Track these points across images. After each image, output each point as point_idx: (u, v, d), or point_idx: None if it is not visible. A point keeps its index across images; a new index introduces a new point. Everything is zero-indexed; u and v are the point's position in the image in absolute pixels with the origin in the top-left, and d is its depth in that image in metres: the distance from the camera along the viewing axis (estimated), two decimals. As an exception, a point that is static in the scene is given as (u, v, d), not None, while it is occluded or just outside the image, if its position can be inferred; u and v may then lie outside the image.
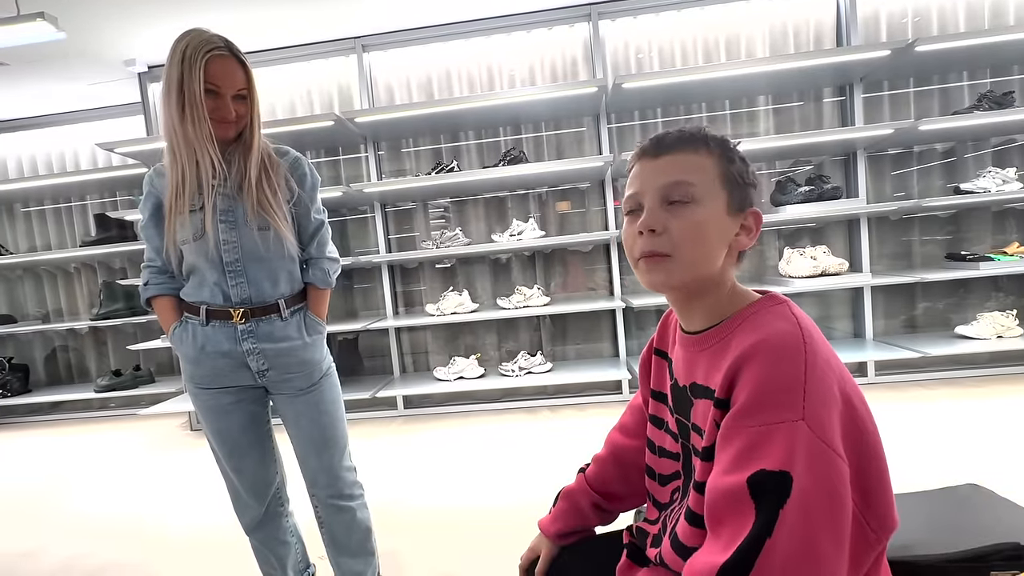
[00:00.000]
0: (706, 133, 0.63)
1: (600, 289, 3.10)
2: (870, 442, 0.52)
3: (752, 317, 0.59)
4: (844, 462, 0.49)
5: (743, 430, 0.51)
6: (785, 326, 0.55)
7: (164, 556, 1.75)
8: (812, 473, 0.47)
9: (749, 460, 0.50)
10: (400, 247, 3.16)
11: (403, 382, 2.98)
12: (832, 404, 0.50)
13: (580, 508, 0.83)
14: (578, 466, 0.89)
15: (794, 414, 0.49)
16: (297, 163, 1.18)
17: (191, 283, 1.13)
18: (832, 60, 2.48)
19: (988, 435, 2.07)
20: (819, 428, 0.49)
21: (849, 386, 0.54)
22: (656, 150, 0.63)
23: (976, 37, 2.38)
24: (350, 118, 2.65)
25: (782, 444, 0.48)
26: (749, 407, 0.52)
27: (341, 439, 1.22)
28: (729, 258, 0.62)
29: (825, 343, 0.56)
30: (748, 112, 2.92)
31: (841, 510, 0.48)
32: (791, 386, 0.50)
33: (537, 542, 0.85)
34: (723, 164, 0.61)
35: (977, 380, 2.73)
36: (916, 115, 2.82)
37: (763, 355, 0.53)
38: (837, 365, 0.54)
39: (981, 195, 2.55)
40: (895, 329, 2.98)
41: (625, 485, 0.82)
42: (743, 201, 0.62)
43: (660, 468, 0.74)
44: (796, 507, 0.47)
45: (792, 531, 0.46)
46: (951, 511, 0.85)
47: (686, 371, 0.65)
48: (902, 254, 2.94)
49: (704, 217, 0.60)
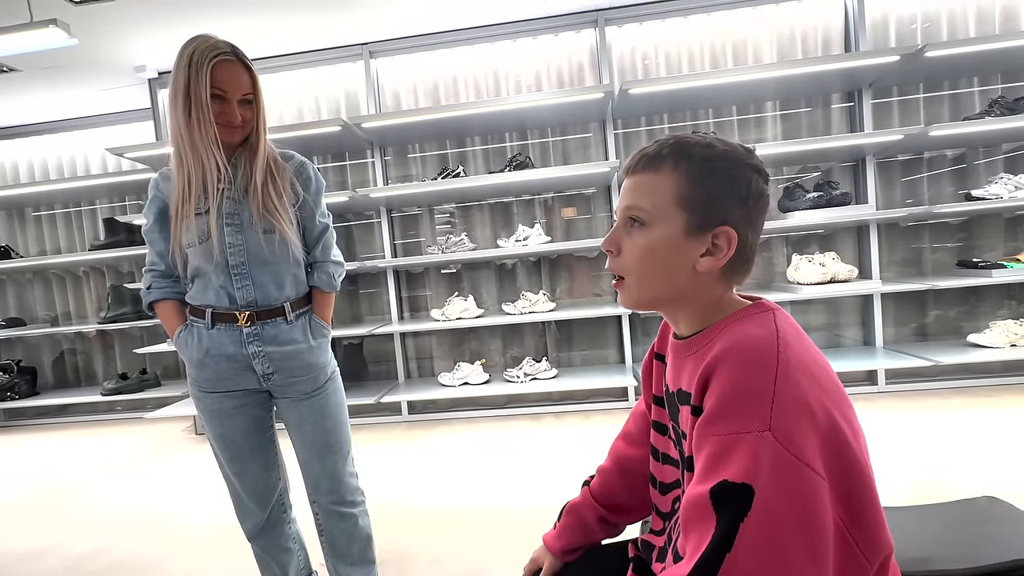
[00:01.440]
0: (677, 148, 0.59)
1: (606, 295, 3.08)
2: (858, 460, 0.50)
3: (733, 324, 0.57)
4: (820, 477, 0.47)
5: (710, 438, 0.50)
6: (760, 332, 0.53)
7: (174, 554, 1.76)
8: (777, 486, 0.45)
9: (715, 470, 0.48)
10: (406, 252, 3.15)
11: (408, 388, 2.97)
12: (804, 415, 0.48)
13: (586, 523, 0.81)
14: (583, 475, 0.88)
15: (761, 424, 0.47)
16: (302, 167, 1.18)
17: (196, 287, 1.12)
18: (841, 66, 2.46)
19: (1004, 446, 2.02)
20: (787, 440, 0.46)
21: (832, 399, 0.51)
22: (627, 169, 0.63)
23: (987, 42, 2.35)
24: (357, 123, 2.66)
25: (746, 455, 0.47)
26: (716, 414, 0.50)
27: (345, 444, 1.21)
28: (703, 277, 0.59)
29: (808, 352, 0.53)
30: (756, 118, 2.90)
31: (816, 527, 0.46)
32: (758, 394, 0.48)
33: (540, 554, 0.83)
34: (684, 184, 0.58)
35: (991, 389, 2.67)
36: (926, 121, 2.79)
37: (732, 361, 0.52)
38: (819, 375, 0.52)
39: (993, 201, 2.51)
40: (906, 337, 2.94)
41: (631, 496, 0.80)
42: (708, 219, 0.58)
43: (662, 476, 0.72)
44: (758, 521, 0.45)
45: (756, 545, 0.45)
46: (968, 524, 0.83)
47: (674, 376, 0.64)
48: (912, 261, 2.91)
49: (653, 241, 0.59)
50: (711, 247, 0.59)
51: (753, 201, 0.59)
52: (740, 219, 0.58)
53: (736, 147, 0.60)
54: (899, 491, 1.71)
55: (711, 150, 0.58)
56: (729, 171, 0.58)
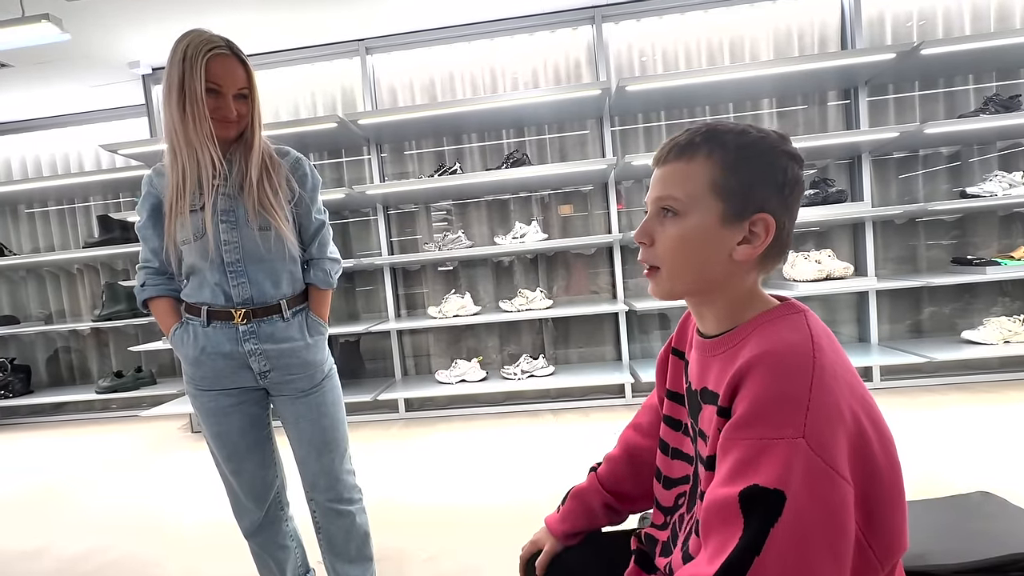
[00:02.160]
0: (710, 136, 0.59)
1: (603, 292, 3.08)
2: (879, 464, 0.50)
3: (765, 325, 0.57)
4: (848, 484, 0.47)
5: (741, 441, 0.50)
6: (796, 338, 0.53)
7: (169, 554, 1.75)
8: (809, 494, 0.46)
9: (744, 473, 0.48)
10: (402, 249, 3.15)
11: (404, 385, 2.97)
12: (838, 422, 0.48)
13: (590, 508, 0.81)
14: (582, 468, 0.88)
15: (795, 431, 0.47)
16: (298, 163, 1.17)
17: (191, 284, 1.12)
18: (837, 63, 2.46)
19: (998, 441, 2.04)
20: (820, 447, 0.47)
21: (861, 403, 0.51)
22: (658, 159, 0.62)
23: (982, 40, 2.36)
24: (353, 120, 2.65)
25: (779, 461, 0.47)
26: (749, 418, 0.50)
27: (342, 442, 1.21)
28: (738, 266, 0.59)
29: (840, 357, 0.53)
30: (752, 115, 2.90)
31: (841, 534, 0.46)
32: (794, 401, 0.48)
33: (540, 536, 0.83)
34: (719, 172, 0.57)
35: (986, 386, 2.70)
36: (921, 118, 2.80)
37: (768, 366, 0.51)
38: (850, 381, 0.52)
39: (987, 199, 2.53)
40: (900, 334, 2.96)
41: (638, 485, 0.80)
42: (746, 207, 0.57)
43: (669, 471, 0.72)
44: (789, 527, 0.45)
45: (784, 552, 0.45)
46: (963, 519, 0.83)
47: (699, 375, 0.64)
48: (907, 258, 2.92)
49: (687, 230, 0.59)
50: (748, 235, 0.58)
51: (789, 188, 0.58)
52: (777, 206, 0.58)
53: (770, 134, 0.59)
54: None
55: (745, 137, 0.58)
56: (764, 158, 0.57)
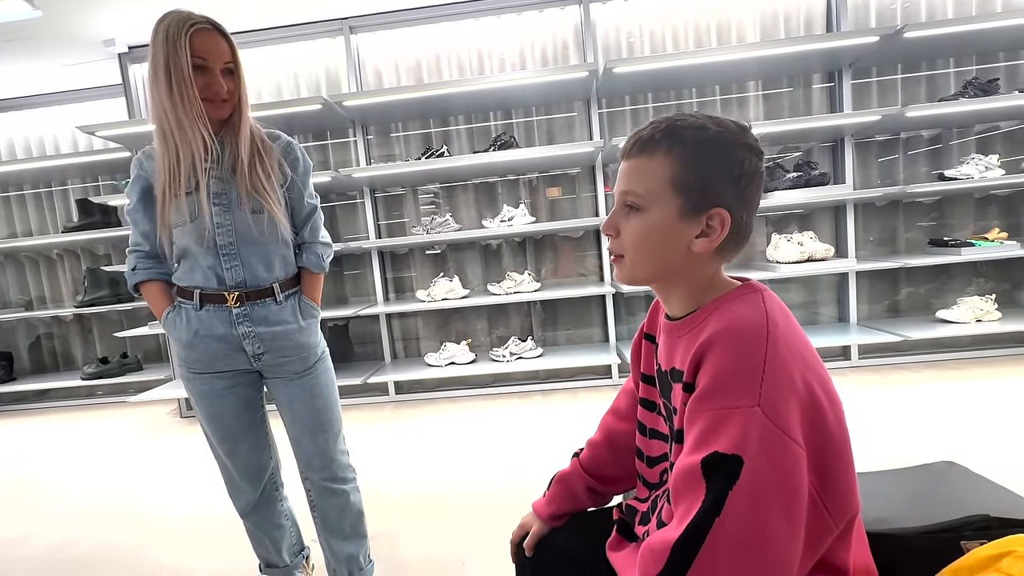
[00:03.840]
0: (669, 132, 0.61)
1: (590, 275, 3.11)
2: (831, 430, 0.53)
3: (724, 305, 0.60)
4: (801, 448, 0.50)
5: (703, 413, 0.53)
6: (752, 315, 0.56)
7: (156, 540, 1.76)
8: (765, 457, 0.49)
9: (706, 442, 0.51)
10: (390, 233, 3.14)
11: (394, 368, 2.99)
12: (791, 392, 0.51)
13: (574, 492, 0.85)
14: (570, 450, 0.91)
15: (751, 400, 0.50)
16: (289, 147, 1.17)
17: (183, 267, 1.12)
18: (821, 46, 2.48)
19: (966, 416, 2.13)
20: (774, 415, 0.50)
21: (814, 375, 0.54)
22: (624, 154, 0.65)
23: (963, 24, 2.39)
24: (338, 101, 2.61)
25: (737, 428, 0.50)
26: (710, 391, 0.53)
27: (336, 423, 1.23)
28: (697, 257, 0.61)
29: (794, 332, 0.56)
30: (738, 98, 2.92)
31: (795, 494, 0.49)
32: (750, 372, 0.52)
33: (528, 519, 0.87)
34: (677, 169, 0.59)
35: (958, 363, 2.80)
36: (903, 101, 2.84)
37: (726, 342, 0.54)
38: (803, 354, 0.55)
39: (964, 181, 2.59)
40: (878, 314, 3.04)
41: (619, 468, 0.83)
42: (702, 202, 0.59)
43: (649, 450, 0.76)
44: (746, 489, 0.48)
45: (742, 512, 0.48)
46: (927, 486, 0.88)
47: (667, 356, 0.67)
48: (887, 240, 2.99)
49: (648, 225, 0.61)
50: (705, 228, 0.60)
51: (746, 181, 0.60)
52: (733, 200, 0.59)
53: (728, 127, 0.60)
54: (868, 458, 1.79)
55: (703, 133, 0.59)
56: (721, 152, 0.59)
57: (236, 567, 1.53)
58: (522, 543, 0.86)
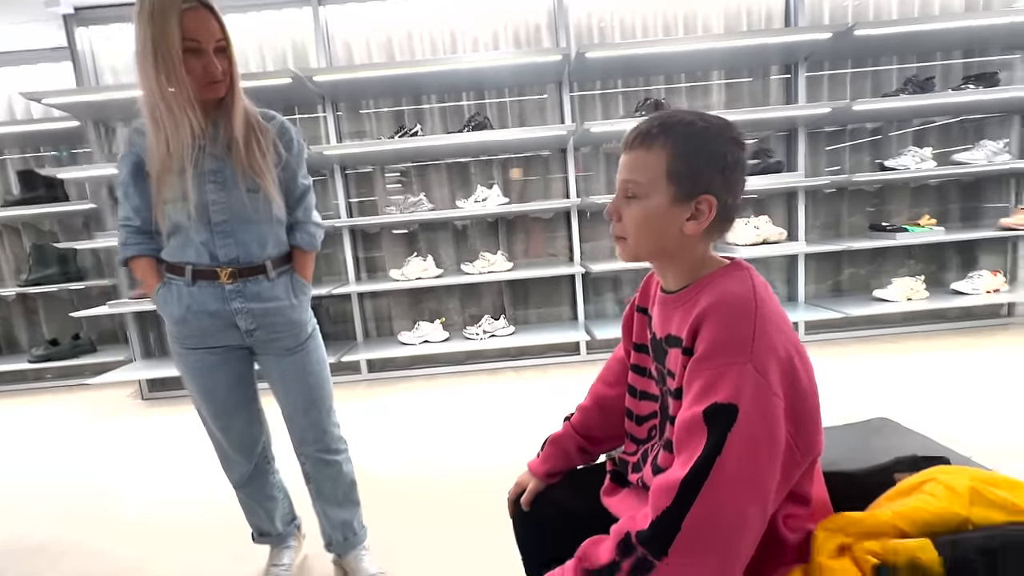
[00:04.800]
0: (665, 128, 0.68)
1: (561, 255, 3.21)
2: (804, 386, 0.63)
3: (717, 281, 0.69)
4: (780, 399, 0.60)
5: (703, 372, 0.62)
6: (741, 290, 0.65)
7: (118, 528, 1.71)
8: (755, 405, 0.58)
9: (706, 395, 0.60)
10: (362, 212, 3.11)
11: (367, 347, 3.01)
12: (773, 354, 0.61)
13: (567, 451, 0.93)
14: (543, 421, 0.99)
15: (744, 359, 0.60)
16: (284, 128, 1.18)
17: (174, 243, 1.12)
18: (779, 40, 2.63)
19: (898, 381, 2.40)
20: (762, 371, 0.59)
21: (791, 341, 0.64)
22: (624, 146, 0.72)
23: (906, 25, 2.58)
24: (309, 76, 2.56)
25: (732, 382, 0.59)
26: (708, 353, 0.62)
27: (328, 398, 1.27)
28: (689, 238, 0.69)
29: (775, 305, 0.66)
30: (703, 86, 3.04)
31: (777, 437, 0.59)
32: (742, 337, 0.61)
33: (524, 477, 0.95)
34: (672, 160, 0.67)
35: (891, 337, 3.08)
36: (851, 95, 3.04)
37: (720, 312, 0.63)
38: (783, 324, 0.65)
39: (902, 172, 2.82)
40: (823, 293, 3.29)
41: (607, 429, 0.93)
42: (693, 189, 0.67)
43: (639, 410, 0.85)
44: (742, 431, 0.57)
45: (739, 450, 0.57)
46: (866, 437, 1.03)
47: (662, 325, 0.75)
48: (832, 224, 3.22)
49: (647, 210, 0.69)
50: (695, 212, 0.68)
51: (730, 170, 0.68)
52: (719, 187, 0.68)
53: (715, 123, 0.68)
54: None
55: (693, 128, 0.67)
56: (709, 146, 0.67)
57: (202, 553, 1.52)
58: (518, 500, 0.94)
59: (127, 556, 1.55)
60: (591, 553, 0.62)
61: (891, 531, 0.59)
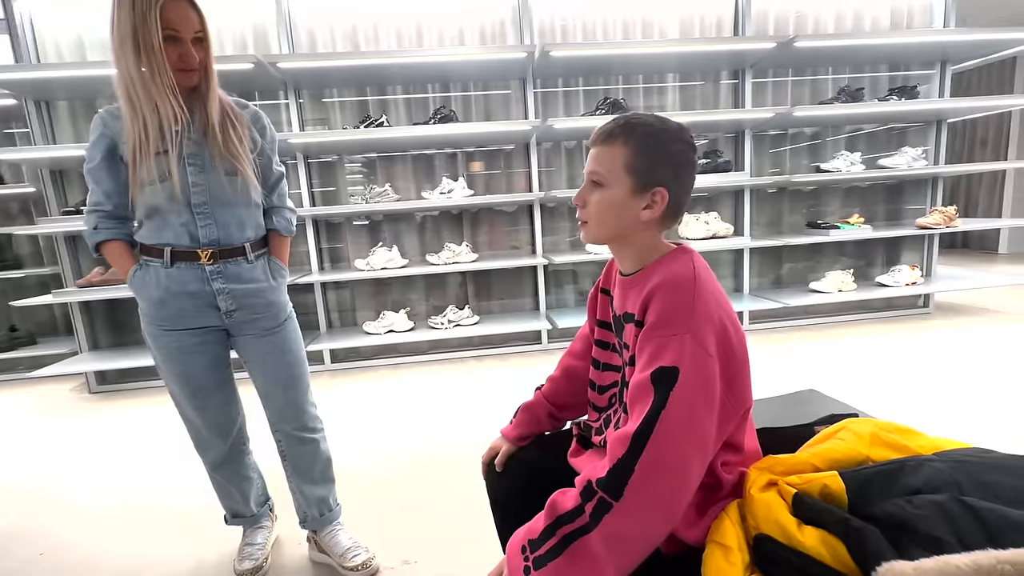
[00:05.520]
0: (627, 128, 0.77)
1: (523, 247, 3.30)
2: (736, 350, 0.74)
3: (665, 263, 0.79)
4: (715, 361, 0.71)
5: (651, 341, 0.72)
6: (684, 270, 0.76)
7: (65, 527, 1.65)
8: (694, 368, 0.68)
9: (653, 361, 0.70)
10: (325, 201, 3.10)
11: (330, 337, 3.01)
12: (709, 323, 0.71)
13: (537, 417, 1.03)
14: (504, 408, 1.07)
15: (684, 329, 0.70)
16: (258, 116, 1.22)
17: (149, 226, 1.13)
18: (729, 47, 2.81)
19: (827, 363, 2.65)
20: (700, 338, 0.70)
21: (725, 312, 0.75)
22: (594, 141, 0.81)
23: (842, 39, 2.82)
24: (272, 62, 2.53)
25: (675, 349, 0.69)
26: (655, 325, 0.72)
27: (305, 376, 1.31)
28: (644, 225, 0.79)
29: (712, 282, 0.77)
30: (659, 88, 3.20)
31: (713, 393, 0.70)
32: (683, 311, 0.71)
33: (497, 442, 1.04)
34: (631, 156, 0.76)
35: (824, 325, 3.37)
36: (792, 102, 3.28)
37: (665, 290, 0.74)
38: (718, 297, 0.76)
39: (835, 174, 3.08)
40: (766, 285, 3.54)
41: (573, 397, 1.02)
42: (648, 182, 0.76)
43: (601, 381, 0.95)
44: (682, 389, 0.68)
45: (680, 406, 0.67)
46: (796, 404, 1.18)
47: (621, 303, 0.85)
48: (774, 221, 3.47)
49: (608, 198, 0.79)
50: (650, 203, 0.78)
51: (681, 168, 0.79)
52: (671, 181, 0.78)
53: (670, 126, 0.78)
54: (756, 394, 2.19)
55: (651, 129, 0.77)
56: (665, 145, 0.77)
57: (154, 550, 1.49)
58: (491, 463, 1.02)
59: (82, 544, 1.53)
60: (559, 501, 0.70)
61: (808, 468, 0.71)
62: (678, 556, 0.73)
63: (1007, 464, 0.65)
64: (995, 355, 2.64)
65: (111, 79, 1.07)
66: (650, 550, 0.67)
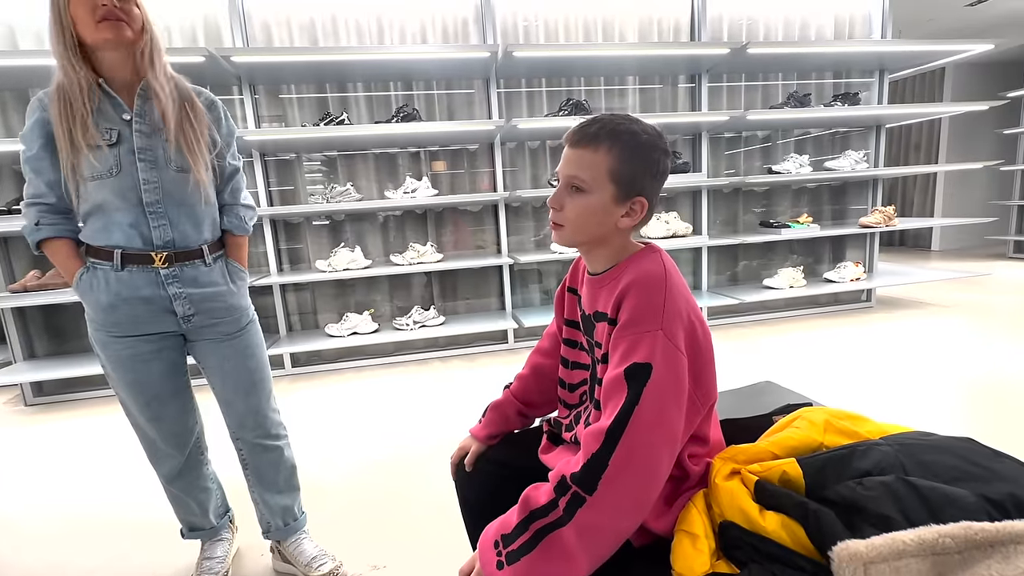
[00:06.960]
0: (611, 132, 0.75)
1: (488, 247, 3.30)
2: (702, 346, 0.77)
3: (635, 262, 0.80)
4: (684, 357, 0.73)
5: (624, 338, 0.73)
6: (654, 269, 0.77)
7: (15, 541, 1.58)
8: (665, 364, 0.70)
9: (627, 358, 0.72)
10: (283, 200, 3.00)
11: (290, 341, 2.92)
12: (679, 319, 0.73)
13: (507, 415, 1.03)
14: (469, 409, 1.07)
15: (656, 326, 0.72)
16: (213, 105, 1.15)
17: (93, 225, 1.06)
18: (685, 52, 2.90)
19: (781, 356, 2.77)
20: (671, 335, 0.72)
21: (692, 308, 0.78)
22: (571, 142, 0.80)
23: (790, 47, 2.96)
24: (225, 56, 2.43)
25: (648, 346, 0.71)
26: (628, 323, 0.74)
27: (267, 382, 1.27)
28: (620, 230, 0.80)
29: (680, 280, 0.79)
30: (619, 89, 3.27)
31: (682, 388, 0.72)
32: (655, 308, 0.73)
33: (467, 442, 1.03)
34: (616, 164, 0.75)
35: (777, 320, 3.52)
36: (745, 105, 3.41)
37: (638, 288, 0.75)
38: (685, 295, 0.78)
39: (785, 175, 3.23)
40: (723, 282, 3.67)
41: (542, 395, 1.03)
42: (630, 191, 0.76)
43: (570, 379, 0.96)
44: (654, 385, 0.69)
45: (652, 401, 0.69)
46: (755, 396, 1.23)
47: (591, 302, 0.87)
48: (730, 220, 3.60)
49: (589, 205, 0.78)
50: (629, 211, 0.79)
51: (661, 177, 0.80)
52: (651, 190, 0.79)
53: (653, 133, 0.78)
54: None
55: (636, 137, 0.77)
56: (649, 155, 0.78)
57: (106, 566, 1.42)
58: (461, 463, 1.02)
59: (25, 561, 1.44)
60: (533, 496, 0.71)
61: (768, 456, 0.75)
62: (648, 546, 0.76)
63: (945, 445, 0.70)
64: (932, 345, 2.84)
65: (48, 70, 1.00)
66: (621, 542, 0.68)
